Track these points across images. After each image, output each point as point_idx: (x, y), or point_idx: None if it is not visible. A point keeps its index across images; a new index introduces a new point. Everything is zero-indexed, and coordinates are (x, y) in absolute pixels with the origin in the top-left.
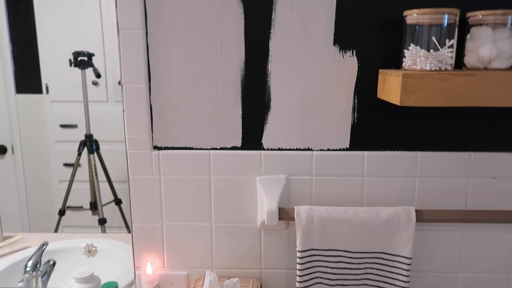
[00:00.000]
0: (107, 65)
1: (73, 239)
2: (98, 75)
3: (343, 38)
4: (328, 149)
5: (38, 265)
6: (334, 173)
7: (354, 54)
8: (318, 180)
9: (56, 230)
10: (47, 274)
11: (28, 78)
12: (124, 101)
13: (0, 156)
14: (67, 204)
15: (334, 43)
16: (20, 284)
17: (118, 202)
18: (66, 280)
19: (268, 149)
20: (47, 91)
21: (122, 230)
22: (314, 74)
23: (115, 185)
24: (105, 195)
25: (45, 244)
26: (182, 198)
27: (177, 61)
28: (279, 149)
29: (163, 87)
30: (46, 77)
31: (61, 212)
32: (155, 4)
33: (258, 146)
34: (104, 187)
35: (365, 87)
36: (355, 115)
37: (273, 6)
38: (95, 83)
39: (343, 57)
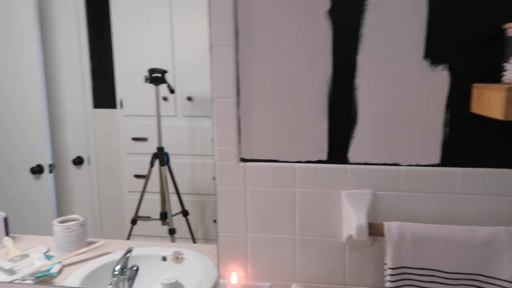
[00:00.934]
0: (177, 81)
1: (150, 247)
2: (172, 91)
3: (434, 52)
4: (417, 165)
5: (124, 270)
6: (423, 189)
7: (446, 68)
8: (406, 196)
9: (128, 238)
10: (132, 278)
11: (104, 94)
12: (215, 115)
13: (77, 166)
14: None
15: (425, 57)
16: (110, 287)
17: (185, 213)
18: (146, 286)
19: (354, 163)
20: (121, 106)
21: (187, 240)
22: (403, 88)
23: (182, 197)
24: (173, 206)
25: (130, 250)
26: (266, 209)
27: (265, 76)
28: (365, 164)
29: (251, 101)
30: (121, 93)
31: (133, 221)
32: (246, 22)
33: (344, 160)
34: (171, 198)
35: (457, 101)
36: (447, 129)
37: (362, 22)
38: (165, 99)
39: (434, 71)
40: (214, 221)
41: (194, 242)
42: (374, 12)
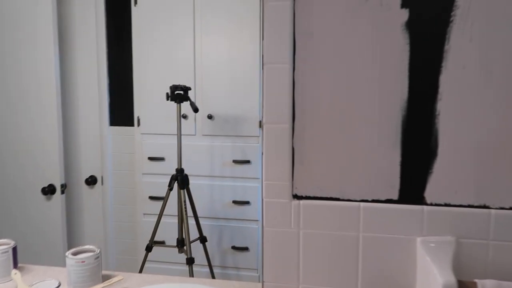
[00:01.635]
0: (197, 99)
1: (171, 282)
2: (195, 110)
3: None
4: (511, 208)
5: None
6: None
7: None
8: (497, 246)
9: (142, 266)
10: None
11: (121, 110)
12: (264, 143)
13: (90, 186)
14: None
15: None
16: None
17: (203, 240)
18: None
19: (432, 204)
20: (138, 124)
21: (204, 267)
22: (494, 115)
23: (200, 221)
24: (190, 231)
25: None
26: (323, 257)
27: (326, 99)
28: (446, 205)
29: (309, 128)
30: (138, 110)
31: (148, 248)
32: (306, 36)
33: (419, 200)
34: (189, 223)
35: None
36: None
37: (447, 36)
38: (184, 117)
39: None
40: (233, 247)
41: (211, 270)
42: (462, 23)
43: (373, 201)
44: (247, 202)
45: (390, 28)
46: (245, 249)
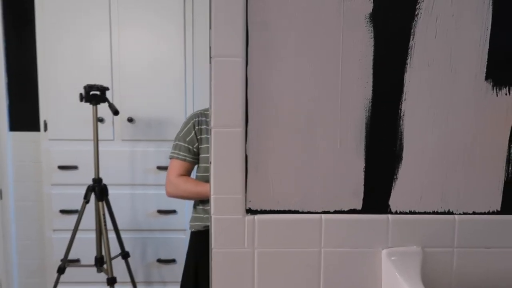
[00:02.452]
0: (116, 102)
1: None
2: (115, 112)
3: (498, 72)
4: (474, 212)
5: None
6: (482, 244)
7: (511, 92)
8: (462, 253)
9: None
10: None
11: (24, 114)
12: (212, 150)
13: None
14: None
15: (486, 78)
16: None
17: (125, 255)
18: None
19: (397, 213)
20: (45, 129)
21: (126, 285)
22: (459, 116)
23: (121, 234)
24: (110, 246)
25: None
26: (282, 279)
27: (284, 99)
28: (411, 213)
29: (264, 132)
30: (45, 113)
31: (61, 270)
32: (261, 26)
33: (384, 208)
34: (109, 237)
35: None
36: (509, 168)
37: (412, 31)
38: (100, 120)
39: (496, 95)
40: (158, 260)
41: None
42: (427, 18)
43: (336, 212)
44: (173, 211)
45: (354, 20)
46: (172, 261)
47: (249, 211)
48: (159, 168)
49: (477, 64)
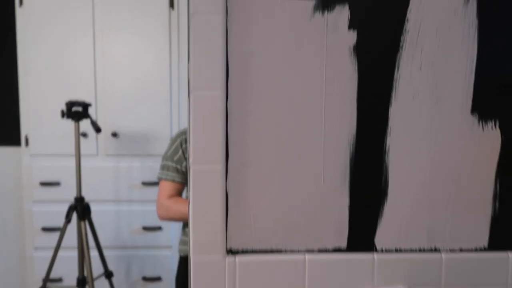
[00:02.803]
0: (99, 116)
1: None
2: (98, 130)
3: (484, 105)
4: (461, 249)
5: None
6: (469, 281)
7: (497, 125)
8: None
9: None
10: None
11: (4, 128)
12: (191, 188)
13: None
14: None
15: (472, 111)
16: None
17: (109, 275)
18: None
19: (382, 251)
20: (27, 143)
21: None
22: (445, 150)
23: (105, 252)
24: (94, 265)
25: None
26: None
27: (266, 134)
28: (397, 251)
29: (245, 168)
30: (26, 127)
31: None
32: (241, 58)
33: (369, 246)
34: (93, 255)
35: (511, 168)
36: (497, 204)
37: (396, 63)
38: (84, 135)
39: (483, 129)
40: (143, 278)
41: None
42: (412, 49)
43: (320, 251)
44: (159, 228)
45: (338, 52)
46: (157, 279)
47: (230, 251)
48: (144, 183)
49: (462, 97)
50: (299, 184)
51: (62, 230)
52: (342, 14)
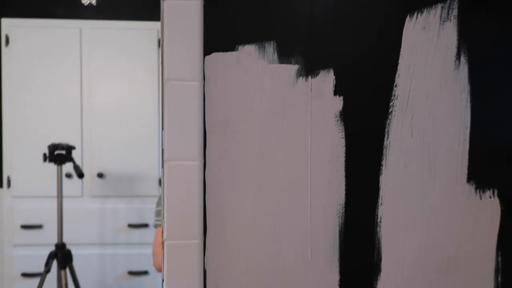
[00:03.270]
0: (85, 156)
1: None
2: (80, 175)
3: (481, 173)
4: None
5: None
6: None
7: (495, 194)
8: None
9: None
10: None
11: None
12: (165, 265)
13: None
14: None
15: (468, 180)
16: None
17: None
18: None
19: None
20: (9, 185)
21: None
22: (440, 221)
23: None
24: None
25: None
26: None
27: (246, 206)
28: None
29: (225, 243)
30: (8, 168)
31: None
32: (220, 126)
33: None
34: None
35: None
36: (499, 279)
37: (386, 130)
38: (68, 176)
39: (480, 198)
40: None
41: None
42: (402, 116)
43: None
44: (145, 272)
45: (323, 118)
46: None
47: None
48: (130, 226)
49: (457, 165)
50: (284, 260)
51: (41, 279)
52: (326, 79)
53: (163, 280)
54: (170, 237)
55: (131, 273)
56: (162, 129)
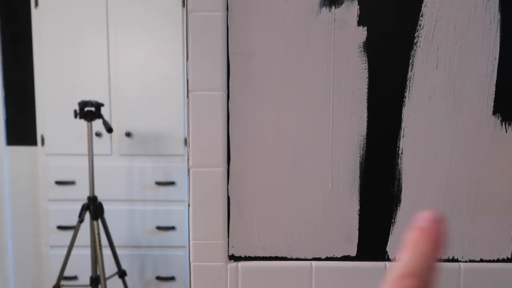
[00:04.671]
0: (113, 116)
1: None
2: (109, 130)
3: (507, 105)
4: (481, 260)
5: None
6: None
7: None
8: None
9: None
10: None
11: (21, 128)
12: (191, 192)
13: None
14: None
15: (494, 112)
16: None
17: (122, 274)
18: None
19: (395, 260)
20: (43, 143)
21: None
22: (464, 154)
23: (118, 251)
24: (106, 263)
25: None
26: None
27: (269, 136)
28: None
29: (248, 171)
30: (42, 127)
31: None
32: (243, 56)
33: (381, 255)
34: (105, 253)
35: None
36: None
37: (410, 61)
38: (98, 134)
39: (506, 131)
40: (157, 278)
41: None
42: (428, 47)
43: (327, 259)
44: (173, 227)
45: (346, 49)
46: (171, 278)
47: (232, 258)
48: (158, 183)
49: (483, 97)
50: (305, 189)
51: (75, 230)
52: (350, 9)
53: (189, 205)
54: (195, 165)
55: (159, 228)
56: (187, 59)
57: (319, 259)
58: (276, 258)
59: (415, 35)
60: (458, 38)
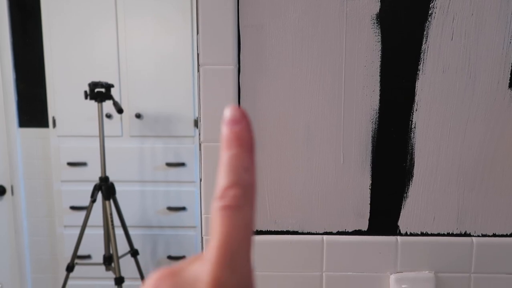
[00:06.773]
0: (123, 96)
1: None
2: (120, 110)
3: None
4: (494, 235)
5: None
6: (502, 269)
7: None
8: (480, 279)
9: (63, 287)
10: None
11: (33, 110)
12: (203, 166)
13: None
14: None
15: (510, 85)
16: None
17: (134, 253)
18: None
19: (407, 234)
20: (54, 125)
21: (137, 281)
22: (478, 128)
23: (130, 231)
24: (119, 242)
25: None
26: None
27: (280, 110)
28: (423, 234)
29: (259, 146)
30: (53, 109)
31: (69, 268)
32: (254, 29)
33: (392, 230)
34: (117, 233)
35: None
36: None
37: (425, 33)
38: (108, 116)
39: None
40: (168, 257)
41: None
42: (443, 18)
43: (339, 233)
44: (183, 208)
45: (359, 21)
46: (183, 257)
47: None
48: (168, 164)
49: (499, 70)
50: (316, 164)
51: (88, 209)
52: None
53: (200, 180)
54: (206, 140)
55: (170, 208)
56: (197, 33)
57: (330, 233)
58: (287, 232)
59: (430, 5)
60: (475, 8)
